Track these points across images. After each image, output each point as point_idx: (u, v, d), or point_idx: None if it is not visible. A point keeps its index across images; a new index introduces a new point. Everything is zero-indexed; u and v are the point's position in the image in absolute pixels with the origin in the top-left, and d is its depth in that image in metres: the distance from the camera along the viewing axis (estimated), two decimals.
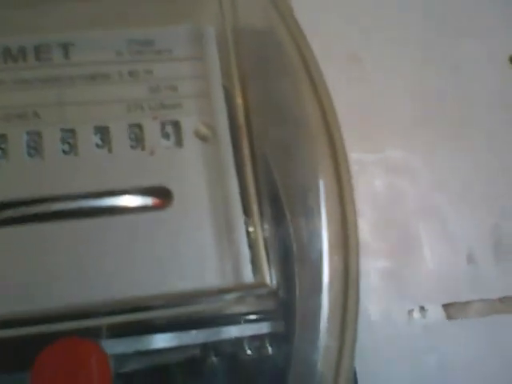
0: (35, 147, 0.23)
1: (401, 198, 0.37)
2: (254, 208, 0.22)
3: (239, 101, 0.23)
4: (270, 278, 0.22)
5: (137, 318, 0.22)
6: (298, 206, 0.24)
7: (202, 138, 0.24)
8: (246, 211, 0.23)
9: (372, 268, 0.36)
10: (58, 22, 0.24)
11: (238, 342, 0.24)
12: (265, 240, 0.22)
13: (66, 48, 0.24)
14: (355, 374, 0.27)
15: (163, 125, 0.24)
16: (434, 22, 0.39)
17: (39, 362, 0.20)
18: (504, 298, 0.35)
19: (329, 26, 0.40)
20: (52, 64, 0.24)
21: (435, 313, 0.35)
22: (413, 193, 0.37)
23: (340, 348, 0.23)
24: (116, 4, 0.25)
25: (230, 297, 0.22)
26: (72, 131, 0.23)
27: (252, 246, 0.23)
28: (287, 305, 0.24)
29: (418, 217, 0.37)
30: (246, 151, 0.23)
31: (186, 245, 0.23)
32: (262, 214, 0.22)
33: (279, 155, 0.25)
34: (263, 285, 0.22)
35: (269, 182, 0.24)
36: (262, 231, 0.22)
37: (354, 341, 0.23)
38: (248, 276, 0.23)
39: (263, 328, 0.24)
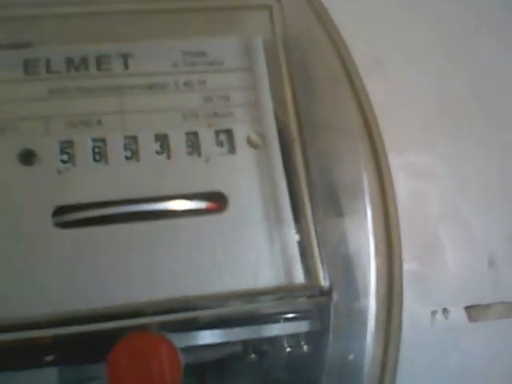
0: (100, 153, 0.26)
1: (423, 202, 0.40)
2: (308, 211, 0.25)
3: (291, 109, 0.26)
4: (324, 278, 0.25)
5: (194, 315, 0.25)
6: (342, 209, 0.27)
7: (254, 146, 0.27)
8: (298, 214, 0.26)
9: None
10: (117, 32, 0.27)
11: (277, 339, 0.27)
12: (318, 241, 0.25)
13: (125, 58, 0.28)
14: None
15: (217, 133, 0.27)
16: (457, 25, 0.42)
17: (114, 353, 0.23)
18: None
19: (353, 30, 0.42)
20: (112, 74, 0.27)
21: (457, 314, 0.38)
22: (435, 196, 0.40)
23: (385, 349, 0.26)
24: (169, 16, 0.28)
25: (284, 297, 0.25)
26: (134, 138, 0.26)
27: (304, 247, 0.26)
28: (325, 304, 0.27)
29: (441, 220, 0.39)
30: (299, 158, 0.26)
31: (240, 247, 0.26)
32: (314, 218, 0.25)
33: (322, 158, 0.28)
34: (318, 286, 0.25)
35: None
36: (315, 233, 0.25)
37: (399, 339, 0.26)
38: (299, 277, 0.26)
39: (302, 326, 0.27)
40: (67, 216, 0.26)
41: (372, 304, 0.27)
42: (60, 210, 0.26)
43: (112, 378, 0.22)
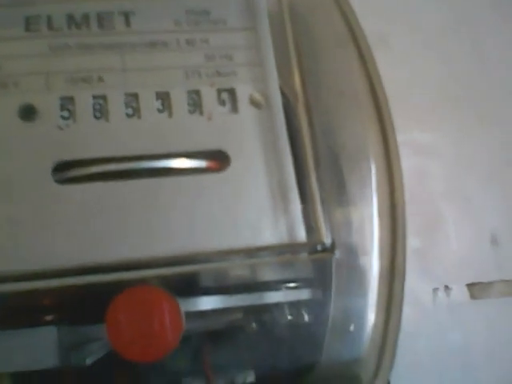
0: (100, 110, 0.26)
1: (426, 179, 0.40)
2: (311, 169, 0.25)
3: (296, 71, 0.26)
4: (327, 235, 0.25)
5: (194, 269, 0.25)
6: (346, 176, 0.27)
7: (256, 105, 0.27)
8: (300, 173, 0.26)
9: None
10: None
11: (279, 307, 0.27)
12: (322, 200, 0.25)
13: (127, 16, 0.27)
14: None
15: (219, 92, 0.27)
16: (466, 4, 0.42)
17: (114, 306, 0.23)
18: None
19: (358, 10, 0.42)
20: (114, 31, 0.27)
21: (459, 292, 0.38)
22: (438, 174, 0.40)
23: (386, 319, 0.26)
24: None
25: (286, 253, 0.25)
26: (135, 95, 0.26)
27: (307, 208, 0.26)
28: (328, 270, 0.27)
29: (444, 198, 0.39)
30: (303, 116, 0.26)
31: (242, 205, 0.26)
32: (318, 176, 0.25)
33: (326, 124, 0.28)
34: (320, 242, 0.25)
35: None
36: (318, 192, 0.25)
37: (401, 310, 0.26)
38: (301, 236, 0.26)
39: (304, 294, 0.27)
40: (67, 172, 0.25)
41: (375, 272, 0.27)
42: (60, 166, 0.25)
43: (112, 330, 0.22)
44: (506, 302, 0.38)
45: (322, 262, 0.27)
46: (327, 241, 0.25)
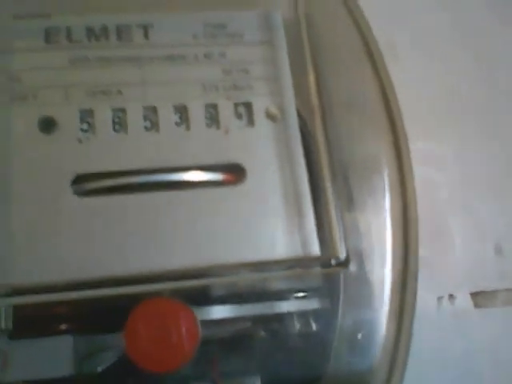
0: (119, 123, 0.26)
1: (431, 189, 0.40)
2: (328, 183, 0.26)
3: (313, 83, 0.26)
4: (341, 249, 0.25)
5: (209, 283, 0.26)
6: (361, 187, 0.28)
7: (272, 118, 0.28)
8: (316, 187, 0.26)
9: None
10: (138, 3, 0.27)
11: (287, 316, 0.27)
12: (337, 214, 0.25)
13: (145, 29, 0.28)
14: None
15: (236, 105, 0.28)
16: (471, 13, 0.43)
17: (133, 318, 0.23)
18: None
19: (366, 13, 0.42)
20: (133, 44, 0.27)
21: (463, 301, 0.38)
22: (443, 183, 0.40)
23: (398, 329, 0.27)
24: None
25: (299, 266, 0.25)
26: (153, 109, 0.26)
27: (321, 221, 0.26)
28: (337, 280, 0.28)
29: (448, 207, 0.40)
30: (319, 130, 0.26)
31: (257, 218, 0.26)
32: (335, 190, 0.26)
33: (340, 136, 0.28)
34: (335, 256, 0.25)
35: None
36: (334, 205, 0.25)
37: (412, 318, 0.27)
38: (315, 250, 0.26)
39: (313, 304, 0.27)
40: (86, 184, 0.26)
41: (387, 281, 0.27)
42: (79, 179, 0.26)
43: (131, 342, 0.23)
44: (510, 311, 0.38)
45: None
46: (342, 255, 0.26)
